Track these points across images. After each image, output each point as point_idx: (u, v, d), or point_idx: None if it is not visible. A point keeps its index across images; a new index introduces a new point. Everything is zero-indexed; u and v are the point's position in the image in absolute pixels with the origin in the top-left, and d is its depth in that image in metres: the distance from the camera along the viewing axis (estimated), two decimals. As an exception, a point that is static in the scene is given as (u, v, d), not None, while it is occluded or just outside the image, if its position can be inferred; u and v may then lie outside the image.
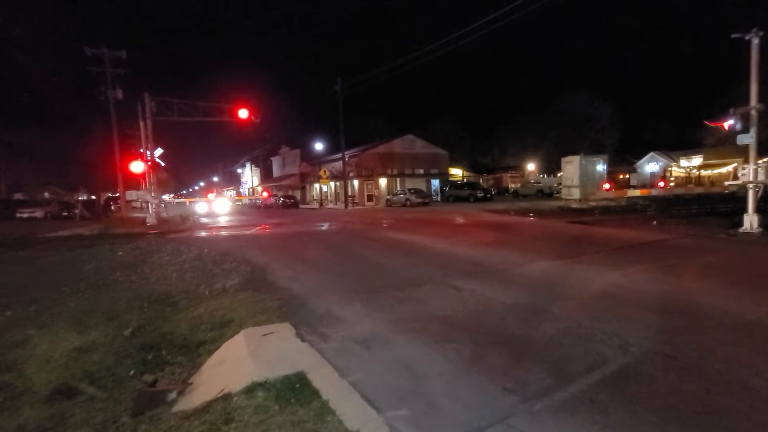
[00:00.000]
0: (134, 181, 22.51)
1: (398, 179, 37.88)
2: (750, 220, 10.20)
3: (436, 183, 39.31)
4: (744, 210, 10.46)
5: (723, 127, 11.17)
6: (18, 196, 38.01)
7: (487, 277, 6.03)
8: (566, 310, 4.40)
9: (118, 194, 27.51)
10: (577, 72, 72.83)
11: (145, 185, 20.22)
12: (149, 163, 19.78)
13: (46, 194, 42.20)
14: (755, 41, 10.20)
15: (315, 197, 47.19)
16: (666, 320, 4.07)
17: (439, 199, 35.85)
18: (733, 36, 10.28)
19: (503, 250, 8.48)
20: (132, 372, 3.71)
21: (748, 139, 10.36)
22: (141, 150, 20.03)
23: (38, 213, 28.28)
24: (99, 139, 25.34)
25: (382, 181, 37.86)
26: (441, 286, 5.60)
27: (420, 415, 2.54)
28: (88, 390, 3.48)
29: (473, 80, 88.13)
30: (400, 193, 32.07)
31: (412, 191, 31.39)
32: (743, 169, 10.79)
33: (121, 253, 9.91)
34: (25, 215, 27.80)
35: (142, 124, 19.91)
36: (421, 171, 39.08)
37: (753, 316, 4.12)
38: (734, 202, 14.47)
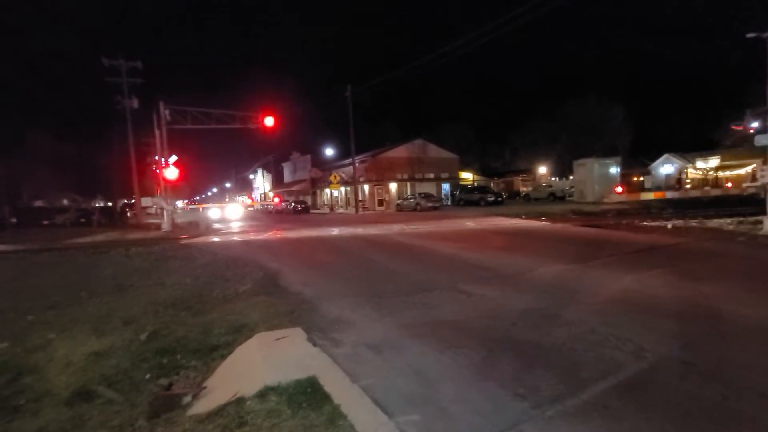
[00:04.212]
0: (149, 188, 22.99)
1: (408, 184, 37.90)
2: (770, 223, 9.94)
3: (446, 187, 39.21)
4: (763, 212, 10.20)
5: (748, 130, 10.91)
6: (38, 203, 39.07)
7: (498, 282, 6.00)
8: (579, 316, 4.35)
9: (133, 201, 28.12)
10: (589, 74, 72.19)
11: (160, 192, 20.63)
12: (165, 169, 20.18)
13: (65, 201, 43.26)
14: (772, 40, 10.01)
15: (326, 202, 47.49)
16: (682, 325, 3.99)
17: (449, 204, 35.74)
18: (749, 36, 10.10)
19: (514, 254, 8.41)
20: (148, 376, 3.78)
21: (766, 140, 10.13)
22: (156, 157, 20.46)
23: (58, 219, 29.03)
24: (115, 147, 25.99)
25: (392, 186, 37.93)
26: (451, 291, 5.59)
27: (431, 420, 2.54)
28: (106, 393, 3.55)
29: (483, 84, 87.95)
30: (411, 198, 32.06)
31: (423, 196, 31.35)
32: (762, 170, 10.54)
33: (136, 259, 10.11)
34: (46, 222, 28.56)
35: (157, 132, 20.35)
36: (431, 175, 39.03)
37: (773, 321, 4.02)
38: (753, 204, 14.11)
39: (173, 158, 20.97)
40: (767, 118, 10.13)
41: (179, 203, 33.01)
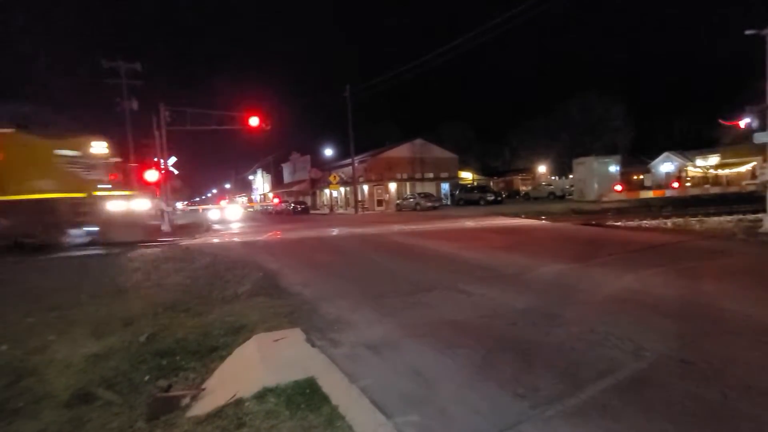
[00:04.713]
0: (149, 190, 22.99)
1: (408, 183, 37.93)
2: (770, 221, 9.93)
3: (446, 187, 39.24)
4: (763, 210, 10.20)
5: (738, 125, 10.95)
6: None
7: (498, 282, 5.99)
8: (579, 315, 4.35)
9: (133, 202, 28.06)
10: (589, 72, 72.14)
11: (160, 193, 20.63)
12: (163, 171, 20.19)
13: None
14: (771, 38, 9.98)
15: (325, 203, 47.51)
16: (683, 325, 3.98)
17: (449, 203, 35.74)
18: (747, 33, 10.08)
19: (514, 253, 8.40)
20: (147, 377, 3.78)
21: (766, 137, 10.11)
22: (156, 159, 20.46)
23: None
24: (115, 149, 25.94)
25: (392, 186, 37.94)
26: (451, 290, 5.58)
27: (430, 421, 2.53)
28: (105, 395, 3.55)
29: (483, 83, 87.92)
30: (410, 198, 32.08)
31: (422, 195, 31.36)
32: (762, 168, 10.53)
33: (137, 261, 10.10)
34: None
35: (156, 133, 20.37)
36: (431, 175, 39.05)
37: (773, 319, 4.01)
38: (753, 202, 14.10)
39: (172, 159, 20.97)
40: (766, 114, 10.11)
41: (179, 205, 33.06)
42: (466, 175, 45.82)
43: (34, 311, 5.74)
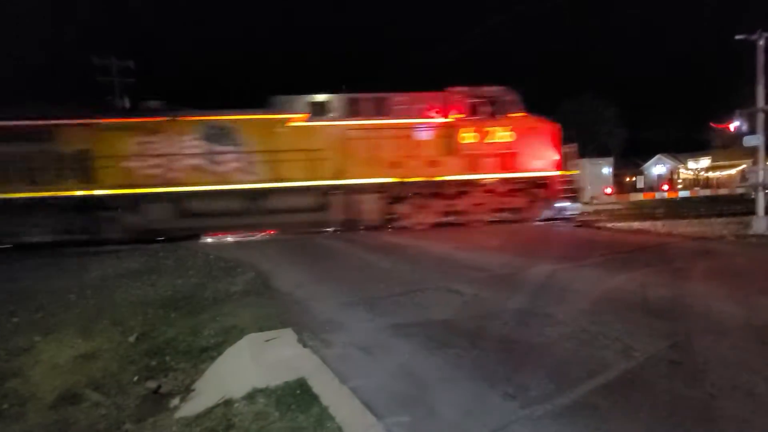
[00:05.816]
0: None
1: (403, 184, 37.82)
2: (760, 223, 10.08)
3: (440, 187, 39.21)
4: (752, 212, 10.34)
5: (728, 129, 11.08)
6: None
7: (491, 282, 6.00)
8: (569, 315, 4.37)
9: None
10: (582, 74, 72.68)
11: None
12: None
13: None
14: (761, 42, 10.12)
15: (320, 202, 47.29)
16: (672, 325, 4.02)
17: (444, 204, 35.76)
18: (738, 37, 10.22)
19: (506, 254, 8.43)
20: (136, 378, 3.74)
21: (755, 140, 10.26)
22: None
23: None
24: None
25: (387, 186, 37.84)
26: (444, 291, 5.59)
27: (420, 421, 2.53)
28: (92, 396, 3.51)
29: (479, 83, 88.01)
30: (405, 198, 32.03)
31: (417, 196, 31.29)
32: (751, 170, 10.69)
33: (126, 260, 9.99)
34: None
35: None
36: (426, 176, 39.02)
37: (762, 320, 4.06)
38: (743, 204, 14.29)
39: None
40: (757, 118, 10.25)
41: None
42: (461, 177, 45.85)
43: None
